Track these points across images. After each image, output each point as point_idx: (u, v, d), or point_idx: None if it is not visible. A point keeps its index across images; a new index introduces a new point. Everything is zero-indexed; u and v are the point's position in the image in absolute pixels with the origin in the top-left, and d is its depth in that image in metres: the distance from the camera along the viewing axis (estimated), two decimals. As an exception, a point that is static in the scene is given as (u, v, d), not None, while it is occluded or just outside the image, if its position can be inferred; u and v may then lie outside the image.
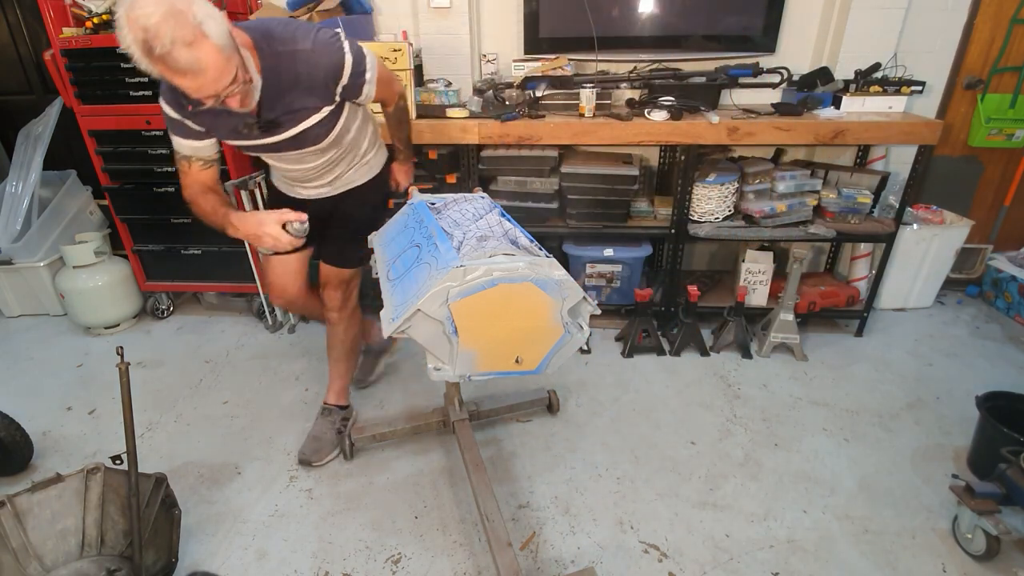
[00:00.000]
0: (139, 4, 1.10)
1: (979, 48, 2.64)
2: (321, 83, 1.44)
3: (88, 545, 1.31)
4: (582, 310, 1.37)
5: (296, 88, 1.43)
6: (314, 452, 1.92)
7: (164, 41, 1.10)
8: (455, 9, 2.56)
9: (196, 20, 1.13)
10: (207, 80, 1.19)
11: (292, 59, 1.39)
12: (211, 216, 1.51)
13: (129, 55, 1.15)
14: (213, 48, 1.16)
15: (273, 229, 1.42)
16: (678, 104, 2.31)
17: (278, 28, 1.39)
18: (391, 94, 1.70)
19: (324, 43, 1.41)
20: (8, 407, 1.90)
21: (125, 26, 1.12)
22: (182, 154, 1.51)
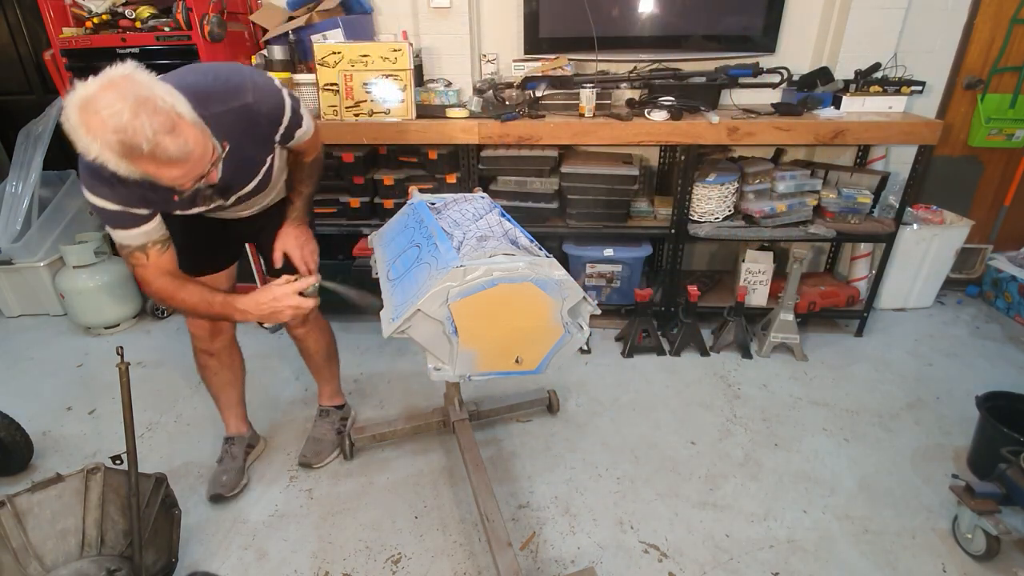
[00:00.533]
0: (97, 106, 0.96)
1: (979, 48, 2.64)
2: (265, 134, 1.36)
3: (88, 545, 1.31)
4: (582, 310, 1.37)
5: (244, 145, 1.30)
6: (315, 454, 1.92)
7: (147, 135, 0.98)
8: (455, 9, 2.56)
9: (166, 103, 1.02)
10: (195, 164, 1.08)
11: (237, 116, 1.25)
12: (203, 308, 1.33)
13: (100, 163, 1.02)
14: (191, 127, 1.06)
15: (292, 300, 1.31)
16: (678, 104, 2.31)
17: (211, 85, 1.22)
18: (316, 143, 1.57)
19: (263, 91, 1.29)
20: (8, 407, 1.90)
21: (88, 134, 0.98)
22: (133, 245, 1.29)
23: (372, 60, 2.27)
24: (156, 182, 1.10)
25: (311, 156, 1.59)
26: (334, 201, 2.54)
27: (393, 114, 2.35)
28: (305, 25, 2.43)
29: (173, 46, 2.34)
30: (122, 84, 0.99)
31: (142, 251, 1.31)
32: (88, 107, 0.97)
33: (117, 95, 0.97)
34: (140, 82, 1.02)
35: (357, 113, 2.35)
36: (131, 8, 2.37)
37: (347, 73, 2.29)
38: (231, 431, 1.91)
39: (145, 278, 1.34)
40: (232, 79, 1.25)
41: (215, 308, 1.33)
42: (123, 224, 1.26)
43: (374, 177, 2.50)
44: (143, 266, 1.33)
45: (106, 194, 1.21)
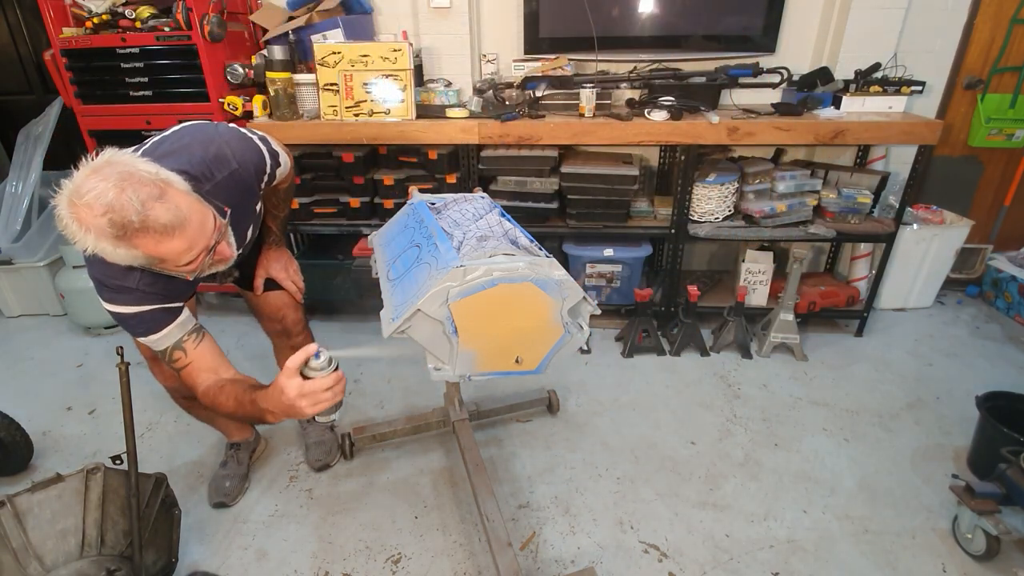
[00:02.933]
0: (82, 193, 0.94)
1: (979, 48, 2.64)
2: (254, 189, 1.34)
3: (88, 545, 1.31)
4: (582, 310, 1.37)
5: (239, 207, 1.27)
6: (326, 453, 1.92)
7: (135, 207, 0.95)
8: (455, 9, 2.56)
9: (151, 173, 0.99)
10: (195, 231, 1.03)
11: (227, 185, 1.22)
12: (238, 412, 1.17)
13: (97, 254, 0.99)
14: (183, 194, 1.03)
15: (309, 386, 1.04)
16: (678, 104, 2.31)
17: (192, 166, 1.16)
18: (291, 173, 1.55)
19: (241, 151, 1.27)
20: (8, 407, 1.90)
21: (80, 226, 0.94)
22: (170, 345, 1.20)
23: (372, 60, 2.27)
24: (164, 268, 1.07)
25: (286, 184, 1.56)
26: (334, 201, 2.54)
27: (393, 114, 2.35)
28: (305, 25, 2.43)
29: (173, 46, 2.35)
30: (103, 168, 0.97)
31: (179, 348, 1.22)
32: (74, 198, 0.94)
33: (99, 178, 0.95)
34: (121, 161, 1.00)
35: (357, 113, 2.35)
36: (131, 8, 2.37)
37: (347, 73, 2.29)
38: (235, 438, 1.90)
39: (193, 382, 1.23)
40: (208, 151, 1.20)
41: (247, 410, 1.15)
42: (154, 326, 1.19)
43: (374, 177, 2.50)
44: (186, 366, 1.23)
45: (126, 299, 1.15)
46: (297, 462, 1.94)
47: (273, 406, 1.09)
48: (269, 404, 1.09)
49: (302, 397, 1.04)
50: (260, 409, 1.12)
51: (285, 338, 1.78)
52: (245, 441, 1.91)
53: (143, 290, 1.16)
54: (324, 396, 1.06)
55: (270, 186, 1.45)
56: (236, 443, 1.89)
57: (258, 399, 1.12)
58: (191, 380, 1.24)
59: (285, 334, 1.77)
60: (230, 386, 1.20)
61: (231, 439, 1.89)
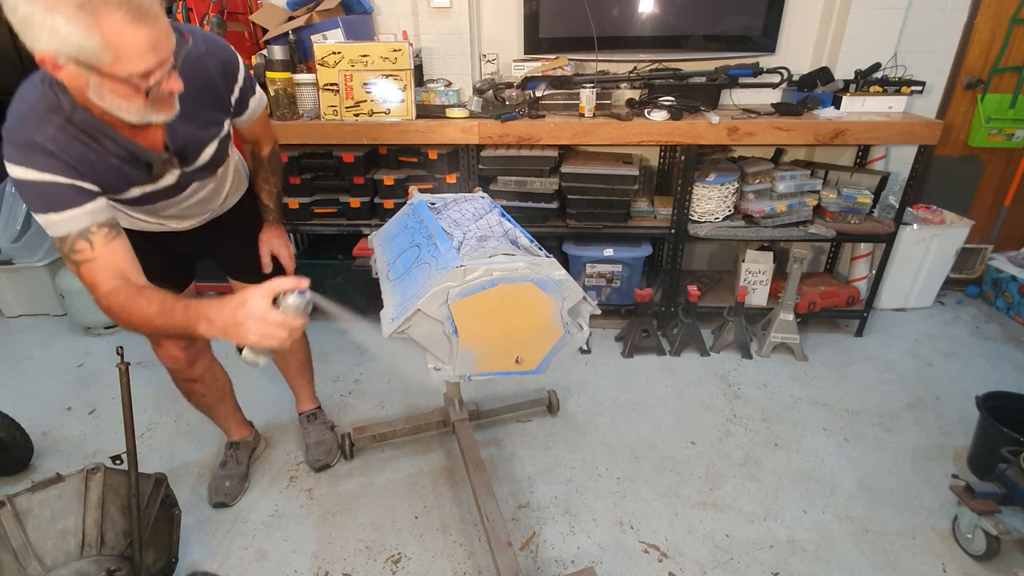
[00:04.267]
0: None
1: (979, 48, 2.64)
2: (219, 90, 1.22)
3: (88, 545, 1.31)
4: (582, 310, 1.37)
5: (197, 100, 1.16)
6: (326, 453, 1.91)
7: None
8: (455, 9, 2.56)
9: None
10: (163, 33, 0.92)
11: (190, 64, 1.10)
12: (162, 322, 1.01)
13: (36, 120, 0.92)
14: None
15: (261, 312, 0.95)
16: (678, 104, 2.31)
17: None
18: (269, 129, 1.47)
19: (212, 40, 1.18)
20: (8, 407, 1.90)
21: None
22: (74, 232, 1.03)
23: (372, 60, 2.27)
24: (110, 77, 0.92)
25: (267, 146, 1.50)
26: (334, 201, 2.54)
27: (393, 114, 2.35)
28: (305, 25, 2.43)
29: (173, 46, 2.34)
30: None
31: (85, 238, 1.04)
32: None
33: None
34: None
35: (357, 113, 2.35)
36: (131, 8, 2.36)
37: (347, 73, 2.29)
38: (234, 437, 1.89)
39: (93, 279, 1.05)
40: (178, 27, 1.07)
41: (176, 317, 1.00)
42: (57, 203, 1.01)
43: (374, 177, 2.50)
44: (89, 261, 1.04)
45: (32, 160, 0.98)
46: (297, 462, 1.94)
47: (217, 316, 0.97)
48: (213, 312, 0.97)
49: (261, 321, 0.95)
50: (195, 315, 0.99)
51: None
52: (244, 440, 1.90)
53: (55, 153, 0.99)
54: (280, 335, 0.97)
55: (243, 119, 1.35)
56: (235, 442, 1.88)
57: (196, 304, 1.00)
58: (92, 279, 1.05)
59: None
60: (153, 291, 1.05)
61: (230, 437, 1.89)
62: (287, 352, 1.85)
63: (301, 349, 1.90)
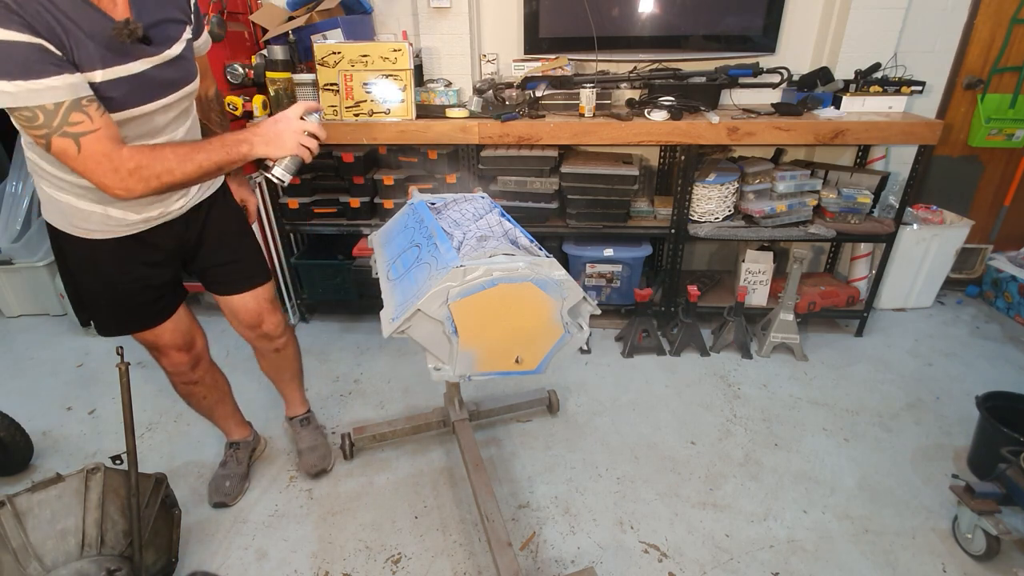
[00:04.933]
0: None
1: (979, 48, 2.64)
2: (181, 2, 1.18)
3: (88, 545, 1.31)
4: (582, 310, 1.37)
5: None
6: (322, 458, 1.89)
7: None
8: (455, 9, 2.56)
9: None
10: None
11: None
12: (201, 155, 1.07)
13: None
14: None
15: (297, 122, 1.21)
16: (678, 104, 2.31)
17: None
18: (210, 72, 1.43)
19: None
20: (8, 407, 1.90)
21: None
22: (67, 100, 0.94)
23: (372, 60, 2.27)
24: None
25: (212, 87, 1.49)
26: (334, 201, 2.54)
27: (393, 114, 2.35)
28: (305, 25, 2.43)
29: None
30: None
31: (79, 109, 0.94)
32: None
33: None
34: None
35: (357, 113, 2.35)
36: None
37: (347, 73, 2.29)
38: (234, 437, 1.88)
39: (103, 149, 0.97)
40: None
41: (213, 151, 1.09)
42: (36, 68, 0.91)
43: (374, 177, 2.50)
44: (92, 131, 0.96)
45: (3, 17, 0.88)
46: (311, 478, 1.90)
47: (258, 133, 1.15)
48: (250, 133, 1.14)
49: (297, 132, 1.19)
50: (232, 141, 1.12)
51: (267, 341, 1.70)
52: (244, 440, 1.89)
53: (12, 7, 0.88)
54: (310, 141, 1.23)
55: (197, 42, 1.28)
56: (235, 442, 1.88)
57: (229, 135, 1.13)
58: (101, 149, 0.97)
59: (266, 338, 1.69)
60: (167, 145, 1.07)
61: (230, 438, 1.88)
62: (282, 361, 1.80)
63: (295, 357, 1.86)
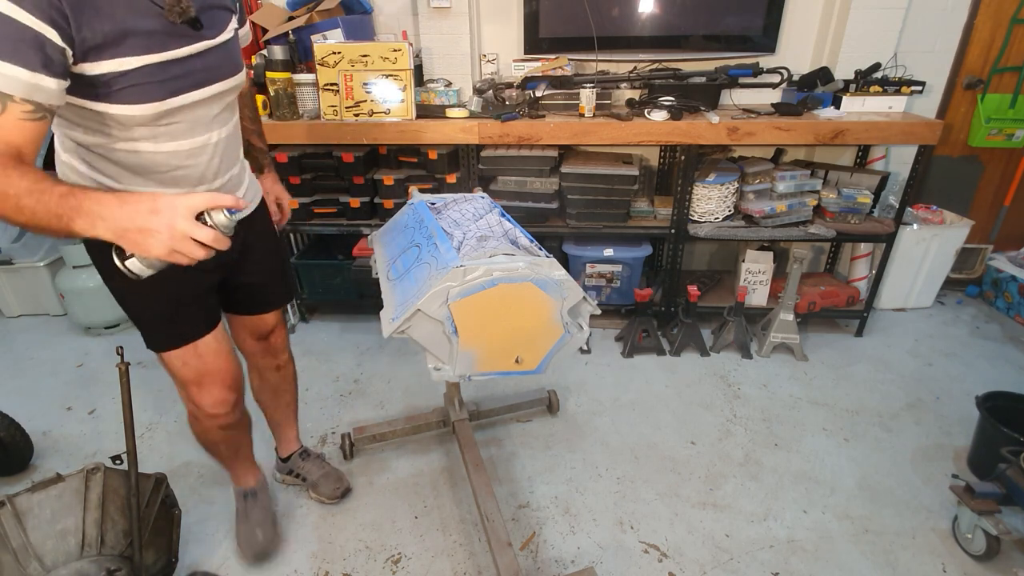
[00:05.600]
0: None
1: (979, 48, 2.64)
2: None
3: (88, 545, 1.31)
4: (582, 310, 1.37)
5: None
6: (339, 479, 1.80)
7: None
8: (455, 9, 2.56)
9: None
10: None
11: None
12: (29, 199, 0.79)
13: None
14: None
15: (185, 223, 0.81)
16: (678, 104, 2.31)
17: None
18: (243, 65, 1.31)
19: None
20: (8, 407, 1.90)
21: None
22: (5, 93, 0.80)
23: (372, 60, 2.27)
24: None
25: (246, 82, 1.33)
26: (334, 201, 2.54)
27: (393, 114, 2.35)
28: (305, 25, 2.43)
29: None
30: None
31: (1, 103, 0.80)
32: None
33: None
34: None
35: (357, 113, 2.35)
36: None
37: (347, 73, 2.29)
38: (250, 483, 1.64)
39: None
40: None
41: (49, 203, 0.79)
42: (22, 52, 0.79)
43: (374, 177, 2.50)
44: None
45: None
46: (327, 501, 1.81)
47: (116, 216, 0.79)
48: (108, 210, 0.79)
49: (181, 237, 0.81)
50: (76, 205, 0.79)
51: (271, 357, 1.61)
52: (261, 484, 1.67)
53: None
54: (196, 253, 0.83)
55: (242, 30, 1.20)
56: (252, 490, 1.64)
57: (82, 193, 0.80)
58: None
59: (272, 352, 1.60)
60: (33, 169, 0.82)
61: (245, 484, 1.63)
62: (282, 381, 1.67)
63: (295, 379, 1.73)
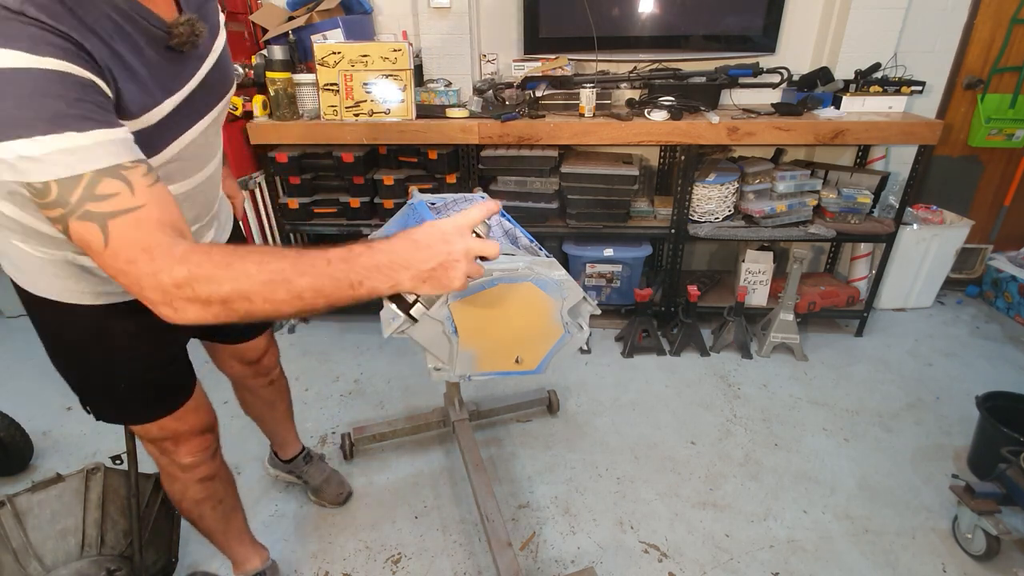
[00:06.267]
0: None
1: (979, 48, 2.64)
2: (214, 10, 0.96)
3: (88, 545, 1.31)
4: (582, 310, 1.37)
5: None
6: (342, 484, 1.80)
7: None
8: (455, 9, 2.56)
9: None
10: None
11: None
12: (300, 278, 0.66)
13: None
14: None
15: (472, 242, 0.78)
16: (678, 104, 2.31)
17: None
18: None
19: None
20: (8, 407, 1.90)
21: None
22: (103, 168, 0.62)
23: (372, 60, 2.27)
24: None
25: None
26: (334, 201, 2.54)
27: (393, 114, 2.35)
28: (305, 25, 2.43)
29: (173, 46, 2.34)
30: None
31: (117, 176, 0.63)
32: None
33: None
34: None
35: (357, 113, 2.35)
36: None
37: (347, 73, 2.29)
38: (255, 564, 1.47)
39: (145, 241, 0.63)
40: None
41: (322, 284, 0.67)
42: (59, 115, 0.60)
43: (374, 177, 2.50)
44: (131, 210, 0.63)
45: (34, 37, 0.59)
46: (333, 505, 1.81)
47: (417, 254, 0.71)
48: (400, 254, 0.70)
49: (470, 249, 0.76)
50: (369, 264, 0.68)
51: (263, 377, 1.54)
52: (271, 566, 1.51)
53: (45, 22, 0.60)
54: (479, 268, 0.81)
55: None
56: (260, 573, 1.49)
57: (359, 249, 0.69)
58: (142, 241, 0.63)
59: (263, 372, 1.53)
60: (247, 250, 0.68)
61: (249, 567, 1.46)
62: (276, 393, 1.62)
63: (287, 387, 1.68)
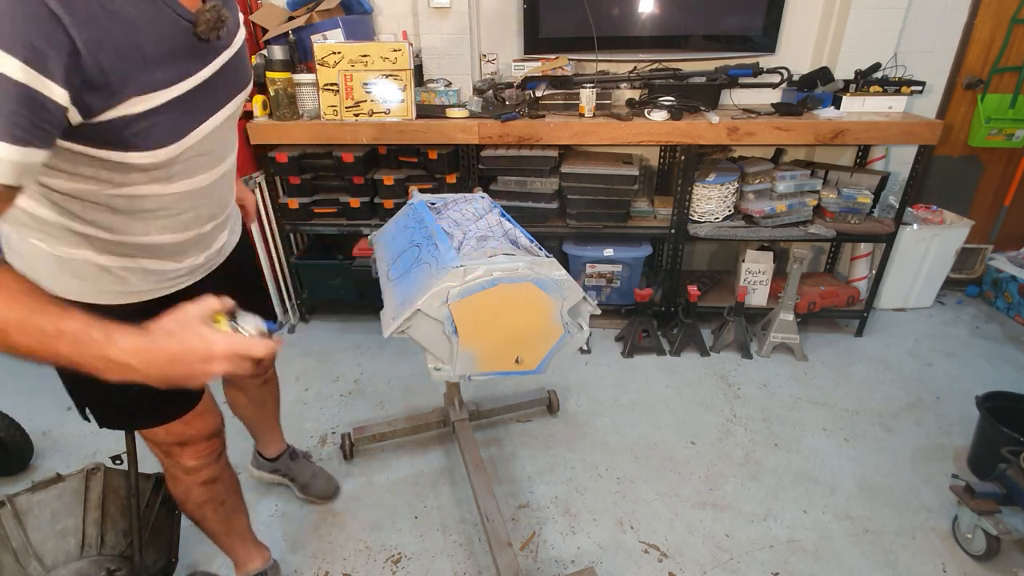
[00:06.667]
0: None
1: (979, 48, 2.64)
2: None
3: (88, 545, 1.31)
4: (582, 310, 1.37)
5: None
6: (330, 480, 1.81)
7: None
8: (455, 9, 2.56)
9: None
10: None
11: None
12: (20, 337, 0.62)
13: None
14: None
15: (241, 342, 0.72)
16: (678, 104, 2.31)
17: None
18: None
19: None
20: (8, 407, 1.90)
21: None
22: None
23: (372, 60, 2.27)
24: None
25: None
26: (334, 201, 2.54)
27: (393, 114, 2.35)
28: (305, 25, 2.43)
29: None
30: None
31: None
32: None
33: None
34: None
35: (357, 113, 2.35)
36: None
37: (347, 73, 2.29)
38: (257, 566, 1.47)
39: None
40: None
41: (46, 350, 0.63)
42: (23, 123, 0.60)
43: (374, 177, 2.50)
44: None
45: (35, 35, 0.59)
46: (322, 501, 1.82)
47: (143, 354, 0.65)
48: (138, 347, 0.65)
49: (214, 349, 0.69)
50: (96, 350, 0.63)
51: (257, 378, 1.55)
52: (272, 566, 1.51)
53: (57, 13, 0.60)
54: (245, 366, 0.72)
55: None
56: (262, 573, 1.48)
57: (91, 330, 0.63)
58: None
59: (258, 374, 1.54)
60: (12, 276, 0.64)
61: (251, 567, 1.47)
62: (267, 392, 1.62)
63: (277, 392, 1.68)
